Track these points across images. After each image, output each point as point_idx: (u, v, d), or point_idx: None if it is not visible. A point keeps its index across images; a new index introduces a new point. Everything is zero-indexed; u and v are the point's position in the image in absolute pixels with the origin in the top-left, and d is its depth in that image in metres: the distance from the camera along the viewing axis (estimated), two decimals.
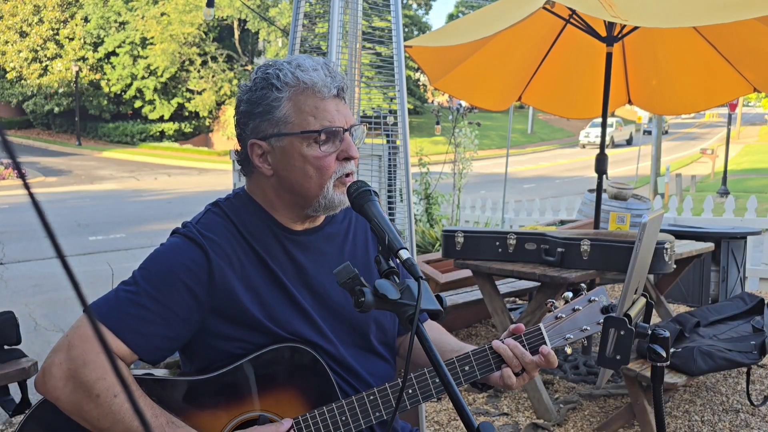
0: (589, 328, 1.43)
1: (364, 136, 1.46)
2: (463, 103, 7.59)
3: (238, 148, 1.42)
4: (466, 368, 1.36)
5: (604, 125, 4.15)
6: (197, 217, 1.39)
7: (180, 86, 34.21)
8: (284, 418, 1.31)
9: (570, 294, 1.45)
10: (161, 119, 34.53)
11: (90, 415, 1.20)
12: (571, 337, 1.42)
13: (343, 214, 1.49)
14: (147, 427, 0.58)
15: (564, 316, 1.42)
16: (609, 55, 4.01)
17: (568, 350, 1.43)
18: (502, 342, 1.38)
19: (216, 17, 30.96)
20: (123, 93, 34.24)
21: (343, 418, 1.30)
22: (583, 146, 33.87)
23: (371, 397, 1.32)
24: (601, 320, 1.43)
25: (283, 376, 1.31)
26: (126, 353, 1.25)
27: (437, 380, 1.33)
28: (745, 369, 3.42)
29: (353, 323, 1.41)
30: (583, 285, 1.49)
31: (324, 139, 1.31)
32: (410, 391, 1.34)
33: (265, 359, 1.30)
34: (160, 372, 1.37)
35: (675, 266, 3.46)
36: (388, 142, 2.97)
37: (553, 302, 1.46)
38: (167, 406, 1.28)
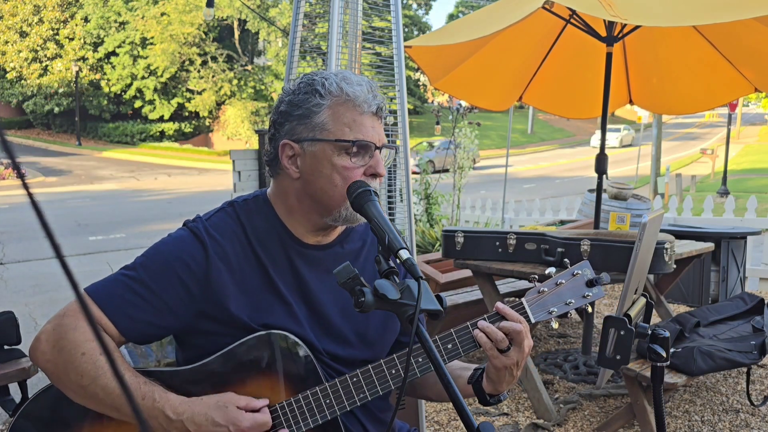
0: (573, 301, 1.40)
1: (392, 159, 1.47)
2: (463, 103, 7.59)
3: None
4: (449, 346, 1.36)
5: (603, 125, 4.15)
6: (210, 213, 1.41)
7: (180, 86, 34.23)
8: (270, 404, 1.32)
9: (553, 269, 1.42)
10: (161, 119, 34.56)
11: (73, 374, 1.24)
12: (556, 310, 1.39)
13: (359, 235, 1.49)
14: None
15: (547, 290, 1.40)
16: (609, 55, 4.00)
17: (555, 325, 1.41)
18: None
19: (216, 17, 30.97)
20: (123, 93, 34.26)
21: (327, 401, 1.32)
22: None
23: (354, 379, 1.33)
24: (587, 293, 1.41)
25: (267, 362, 1.32)
26: (114, 333, 1.29)
27: (420, 359, 1.34)
28: (745, 369, 3.42)
29: (344, 344, 1.41)
30: (566, 260, 1.47)
31: (355, 152, 1.33)
32: (393, 372, 1.34)
33: (248, 346, 1.31)
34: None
35: (675, 266, 3.46)
36: (388, 142, 2.97)
37: (536, 277, 1.44)
38: None
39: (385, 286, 1.10)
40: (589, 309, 1.44)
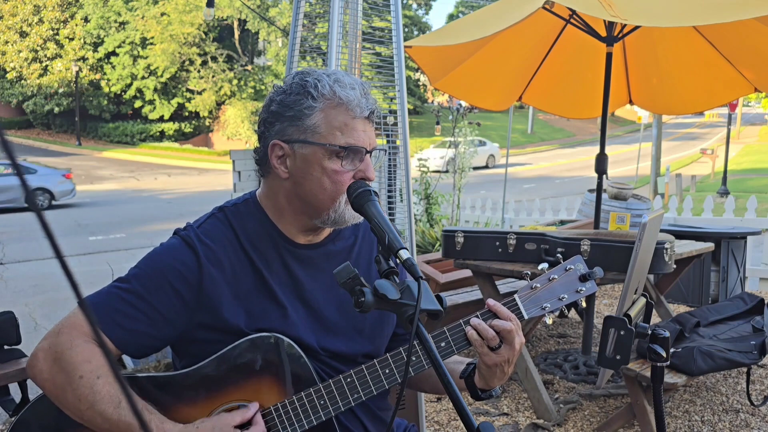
0: (567, 296, 1.39)
1: (383, 161, 1.46)
2: (463, 103, 7.59)
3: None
4: (443, 344, 1.36)
5: (603, 125, 4.15)
6: (200, 220, 1.40)
7: (180, 86, 34.22)
8: (264, 406, 1.32)
9: (546, 265, 1.41)
10: (161, 119, 34.55)
11: (71, 396, 1.23)
12: (549, 306, 1.38)
13: (350, 232, 1.49)
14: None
15: (539, 285, 1.39)
16: (609, 55, 4.00)
17: (549, 320, 1.40)
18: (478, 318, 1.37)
19: (216, 17, 30.96)
20: (123, 93, 34.25)
21: (322, 402, 1.31)
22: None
23: (348, 380, 1.33)
24: (580, 288, 1.40)
25: (261, 364, 1.32)
26: (110, 347, 1.28)
27: (414, 358, 1.34)
28: (745, 369, 3.42)
29: (344, 340, 1.41)
30: (559, 255, 1.46)
31: (346, 156, 1.32)
32: (387, 371, 1.34)
33: (241, 349, 1.31)
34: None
35: (675, 266, 3.46)
36: (388, 142, 2.97)
37: (529, 273, 1.43)
38: (149, 402, 1.29)
39: (385, 286, 1.10)
40: (583, 304, 1.43)
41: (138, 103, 34.41)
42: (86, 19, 34.30)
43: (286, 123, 1.34)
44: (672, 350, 2.48)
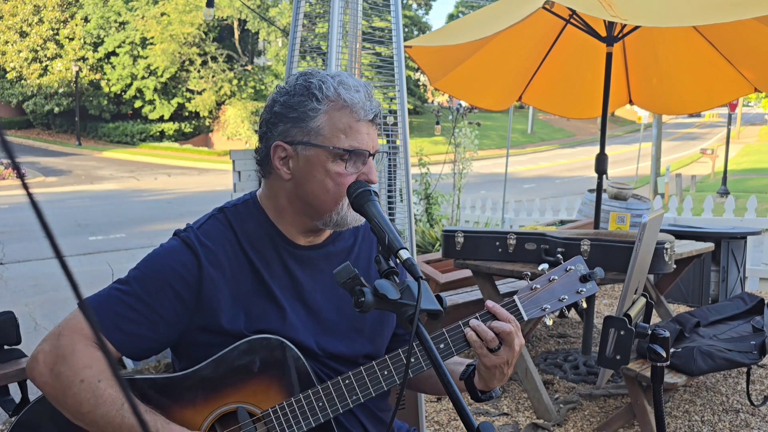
0: (567, 297, 1.38)
1: (384, 162, 1.46)
2: (463, 103, 7.59)
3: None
4: (441, 346, 1.36)
5: (603, 125, 4.15)
6: (200, 221, 1.40)
7: (180, 86, 34.21)
8: (262, 408, 1.32)
9: (546, 265, 1.40)
10: (161, 119, 34.53)
11: (72, 400, 1.22)
12: (549, 307, 1.38)
13: (350, 233, 1.48)
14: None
15: (539, 286, 1.39)
16: (609, 55, 4.00)
17: (549, 321, 1.40)
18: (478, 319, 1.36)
19: (216, 17, 30.95)
20: (123, 93, 34.24)
21: (320, 404, 1.31)
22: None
23: (347, 381, 1.33)
24: (581, 289, 1.39)
25: (259, 366, 1.32)
26: (111, 350, 1.28)
27: (413, 359, 1.34)
28: (745, 369, 3.42)
29: (344, 341, 1.41)
30: (559, 256, 1.46)
31: (349, 159, 1.32)
32: (386, 373, 1.34)
33: (240, 351, 1.31)
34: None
35: (675, 266, 3.46)
36: (388, 142, 2.97)
37: (529, 274, 1.42)
38: (147, 404, 1.29)
39: (385, 286, 1.10)
40: (584, 305, 1.42)
41: (138, 103, 34.39)
42: (86, 19, 34.27)
43: (290, 124, 1.33)
44: (672, 350, 2.48)
